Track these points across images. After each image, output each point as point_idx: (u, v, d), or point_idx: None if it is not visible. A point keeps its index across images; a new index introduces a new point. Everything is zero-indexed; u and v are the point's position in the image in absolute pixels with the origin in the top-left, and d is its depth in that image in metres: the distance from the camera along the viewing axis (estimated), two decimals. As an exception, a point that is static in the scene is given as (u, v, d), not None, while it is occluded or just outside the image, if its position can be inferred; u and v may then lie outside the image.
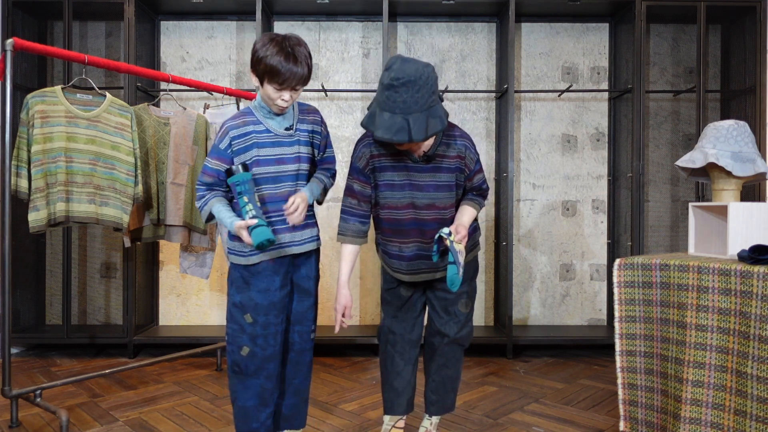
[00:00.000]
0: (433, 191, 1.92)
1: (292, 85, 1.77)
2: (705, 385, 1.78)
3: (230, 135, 1.86)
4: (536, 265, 3.93)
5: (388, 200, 1.95)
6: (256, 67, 1.78)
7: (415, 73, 1.68)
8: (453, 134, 1.93)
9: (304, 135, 1.95)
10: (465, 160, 1.93)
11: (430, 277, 2.07)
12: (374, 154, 1.93)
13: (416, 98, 1.69)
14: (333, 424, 2.44)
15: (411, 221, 1.96)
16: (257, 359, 1.90)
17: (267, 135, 1.89)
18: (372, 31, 3.89)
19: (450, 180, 1.94)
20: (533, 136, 3.92)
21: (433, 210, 1.94)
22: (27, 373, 3.14)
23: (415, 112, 1.70)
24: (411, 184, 1.92)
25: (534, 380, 3.10)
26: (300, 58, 1.75)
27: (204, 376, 3.13)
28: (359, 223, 1.98)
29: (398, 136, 1.70)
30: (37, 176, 2.54)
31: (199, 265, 3.34)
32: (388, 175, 1.93)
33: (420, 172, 1.91)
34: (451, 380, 2.19)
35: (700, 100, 3.48)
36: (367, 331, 3.68)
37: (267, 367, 1.92)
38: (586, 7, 3.68)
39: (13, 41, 2.22)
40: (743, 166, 2.00)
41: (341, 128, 3.89)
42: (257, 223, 1.74)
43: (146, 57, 3.70)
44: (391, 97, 1.70)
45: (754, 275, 1.67)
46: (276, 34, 1.79)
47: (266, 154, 1.88)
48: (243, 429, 1.95)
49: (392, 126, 1.70)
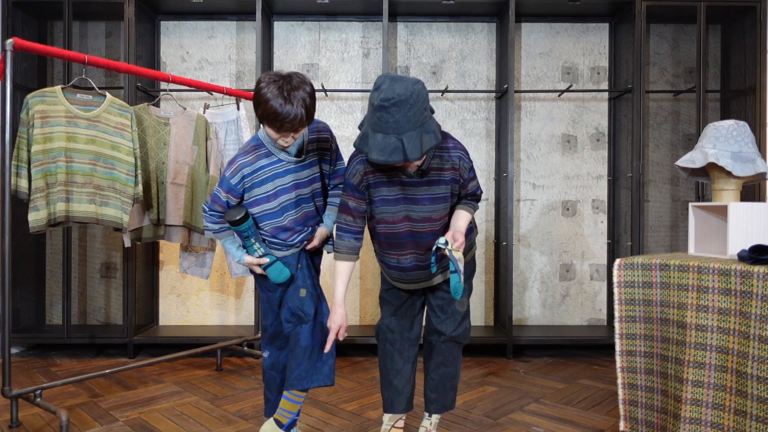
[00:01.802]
0: (429, 204, 1.90)
1: (291, 130, 1.82)
2: (705, 385, 1.78)
3: (243, 172, 1.91)
4: (536, 265, 3.93)
5: (384, 215, 1.93)
6: (256, 110, 1.82)
7: (405, 92, 1.65)
8: (446, 146, 1.90)
9: (314, 155, 2.03)
10: (459, 170, 1.91)
11: (429, 284, 2.08)
12: (368, 171, 1.90)
13: (408, 117, 1.66)
14: (333, 424, 2.44)
15: (407, 234, 1.95)
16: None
17: (279, 165, 1.95)
18: (372, 31, 3.89)
19: (445, 192, 1.92)
20: (533, 136, 3.92)
21: (428, 222, 1.93)
22: (27, 373, 3.14)
23: (408, 131, 1.67)
24: (406, 198, 1.90)
25: (534, 380, 3.10)
26: (296, 102, 1.77)
27: (204, 376, 3.13)
28: (354, 239, 1.97)
29: (393, 157, 1.67)
30: (37, 176, 2.54)
31: (199, 265, 3.35)
32: (383, 191, 1.91)
33: (415, 186, 1.89)
34: (450, 378, 2.19)
35: (700, 100, 3.48)
36: (367, 331, 3.68)
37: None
38: (586, 7, 3.68)
39: (13, 41, 2.22)
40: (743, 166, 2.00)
41: (341, 128, 3.89)
42: (270, 260, 1.97)
43: (146, 57, 3.70)
44: (382, 118, 1.66)
45: (754, 275, 1.67)
46: (279, 76, 1.80)
47: (284, 183, 1.96)
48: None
49: (386, 147, 1.67)
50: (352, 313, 3.90)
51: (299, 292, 2.01)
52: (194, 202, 3.12)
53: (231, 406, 2.65)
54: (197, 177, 3.11)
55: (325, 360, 2.01)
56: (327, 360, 2.01)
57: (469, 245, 2.14)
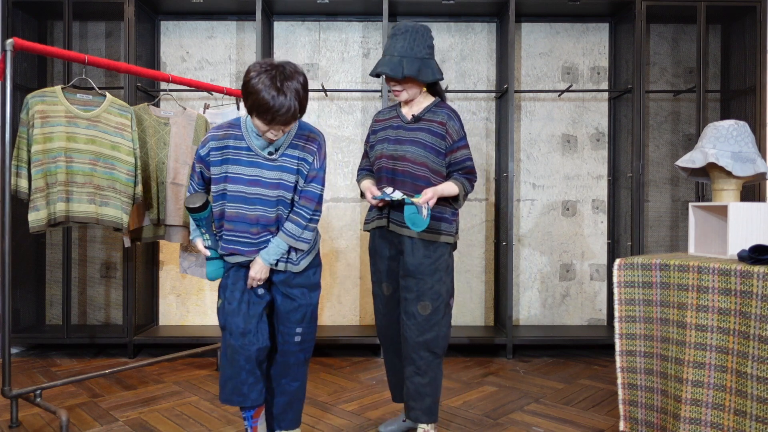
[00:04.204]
0: (408, 145, 2.13)
1: (282, 123, 1.73)
2: (705, 385, 1.78)
3: (209, 145, 1.87)
4: (536, 265, 3.93)
5: (377, 151, 2.21)
6: (245, 99, 1.73)
7: (412, 26, 2.08)
8: (442, 106, 2.18)
9: (289, 161, 1.88)
10: (446, 127, 2.13)
11: (398, 230, 2.15)
12: (378, 120, 2.29)
13: (412, 45, 2.05)
14: (333, 424, 2.44)
15: (387, 170, 2.16)
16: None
17: (245, 153, 1.85)
18: (372, 31, 3.89)
19: (428, 140, 2.12)
20: (533, 136, 3.92)
21: (405, 162, 2.11)
22: (27, 373, 3.14)
23: (410, 57, 2.05)
24: (396, 140, 2.16)
25: (534, 380, 3.10)
26: (289, 94, 1.69)
27: (204, 376, 3.13)
28: (368, 172, 2.33)
29: (394, 71, 2.03)
30: (37, 176, 2.54)
31: (199, 265, 3.34)
32: (382, 134, 2.21)
33: (406, 131, 2.16)
34: (425, 386, 2.13)
35: (700, 100, 3.48)
36: (367, 331, 3.68)
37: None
38: (586, 7, 3.68)
39: (13, 41, 2.22)
40: (743, 166, 2.00)
41: (341, 128, 3.89)
42: (211, 255, 1.98)
43: (146, 57, 3.70)
44: (392, 44, 2.08)
45: (754, 275, 1.67)
46: (270, 65, 1.71)
47: (237, 173, 1.86)
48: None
49: (390, 63, 2.05)
50: (352, 313, 3.90)
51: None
52: (194, 202, 3.12)
53: (231, 406, 2.65)
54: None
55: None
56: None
57: (447, 231, 2.15)
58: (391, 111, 2.27)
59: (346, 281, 3.89)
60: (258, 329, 1.93)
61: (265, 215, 1.88)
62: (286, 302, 1.98)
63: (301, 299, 1.99)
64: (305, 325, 2.01)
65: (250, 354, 1.90)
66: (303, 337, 2.02)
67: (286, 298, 1.98)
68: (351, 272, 3.89)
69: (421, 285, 2.10)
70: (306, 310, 2.00)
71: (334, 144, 3.88)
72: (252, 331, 1.92)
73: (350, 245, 3.89)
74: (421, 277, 2.10)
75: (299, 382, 2.06)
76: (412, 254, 2.11)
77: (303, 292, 1.99)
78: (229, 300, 1.95)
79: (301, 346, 2.02)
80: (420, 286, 2.10)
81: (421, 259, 2.10)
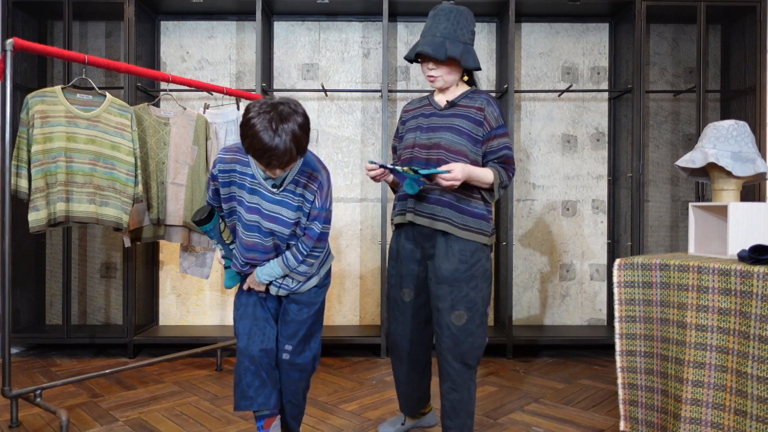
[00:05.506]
0: (442, 132, 1.99)
1: (279, 166, 1.67)
2: (705, 385, 1.78)
3: (218, 167, 1.86)
4: (536, 265, 3.93)
5: (407, 141, 2.08)
6: (243, 140, 1.67)
7: (456, 8, 1.96)
8: (480, 92, 2.05)
9: (291, 197, 1.83)
10: (485, 113, 1.98)
11: (428, 222, 1.97)
12: (407, 110, 2.16)
13: (455, 27, 1.93)
14: (333, 424, 2.44)
15: (419, 160, 2.00)
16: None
17: (249, 180, 1.83)
18: (372, 31, 3.89)
19: (463, 126, 1.97)
20: (533, 136, 3.92)
21: (439, 149, 1.96)
22: (27, 373, 3.14)
23: (453, 39, 1.92)
24: (429, 128, 2.02)
25: (534, 380, 3.10)
26: (285, 136, 1.61)
27: (204, 376, 3.13)
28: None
29: (436, 52, 1.90)
30: (37, 176, 2.54)
31: (199, 265, 3.34)
32: (413, 122, 2.09)
33: (440, 117, 2.03)
34: (462, 403, 2.01)
35: (700, 100, 3.48)
36: (367, 331, 3.68)
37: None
38: (586, 7, 3.68)
39: (13, 41, 2.22)
40: (743, 166, 2.00)
41: (341, 128, 3.89)
42: (225, 264, 2.02)
43: (146, 57, 3.70)
44: (434, 24, 1.95)
45: (754, 275, 1.67)
46: (269, 105, 1.63)
47: (240, 197, 1.85)
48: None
49: (433, 43, 1.91)
50: (352, 313, 3.90)
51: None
52: (194, 202, 3.12)
53: (231, 406, 2.65)
54: (197, 177, 3.11)
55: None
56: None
57: (481, 231, 1.99)
58: (422, 100, 2.13)
59: (346, 281, 3.89)
60: (263, 331, 1.93)
61: (261, 243, 1.86)
62: (284, 313, 1.99)
63: (296, 315, 1.95)
64: (295, 343, 1.95)
65: (253, 354, 1.89)
66: (291, 356, 1.96)
67: (285, 309, 1.99)
68: (351, 272, 3.89)
69: (456, 293, 1.93)
70: (298, 328, 1.95)
71: (334, 144, 3.88)
72: (256, 332, 1.92)
73: (350, 245, 3.89)
74: (456, 284, 1.93)
75: (289, 400, 2.02)
76: (446, 258, 1.94)
77: (300, 308, 1.96)
78: (238, 305, 1.98)
79: (291, 365, 1.97)
80: (454, 295, 1.93)
81: (457, 264, 1.93)
